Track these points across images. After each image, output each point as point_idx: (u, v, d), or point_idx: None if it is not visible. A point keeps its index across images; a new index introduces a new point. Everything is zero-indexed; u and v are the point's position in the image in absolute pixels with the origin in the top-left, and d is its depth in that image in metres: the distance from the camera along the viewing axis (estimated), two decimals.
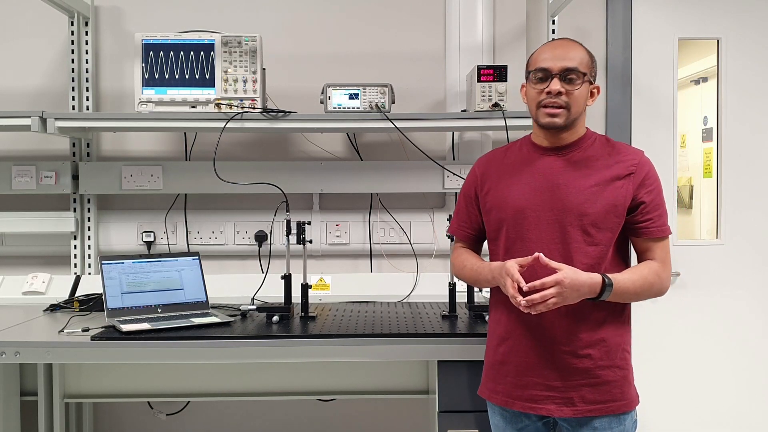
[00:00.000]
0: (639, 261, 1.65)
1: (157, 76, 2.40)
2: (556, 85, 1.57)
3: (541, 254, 1.51)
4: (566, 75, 1.58)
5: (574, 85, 1.58)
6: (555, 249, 1.58)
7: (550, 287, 1.47)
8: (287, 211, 2.32)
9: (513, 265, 1.53)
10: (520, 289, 1.50)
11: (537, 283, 1.48)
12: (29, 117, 2.31)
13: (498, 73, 2.39)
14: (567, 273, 1.49)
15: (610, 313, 1.60)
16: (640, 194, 1.58)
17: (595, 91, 1.64)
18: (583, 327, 1.58)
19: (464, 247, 1.84)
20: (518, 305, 1.51)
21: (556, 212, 1.59)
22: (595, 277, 1.52)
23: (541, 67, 1.60)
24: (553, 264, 1.50)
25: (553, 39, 1.72)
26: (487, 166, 1.76)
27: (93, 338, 1.96)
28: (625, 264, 1.65)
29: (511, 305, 1.59)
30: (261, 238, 2.72)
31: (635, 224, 1.60)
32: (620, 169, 1.60)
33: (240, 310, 2.33)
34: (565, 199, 1.59)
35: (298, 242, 2.28)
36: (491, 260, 1.72)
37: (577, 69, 1.57)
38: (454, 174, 2.64)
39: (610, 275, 1.54)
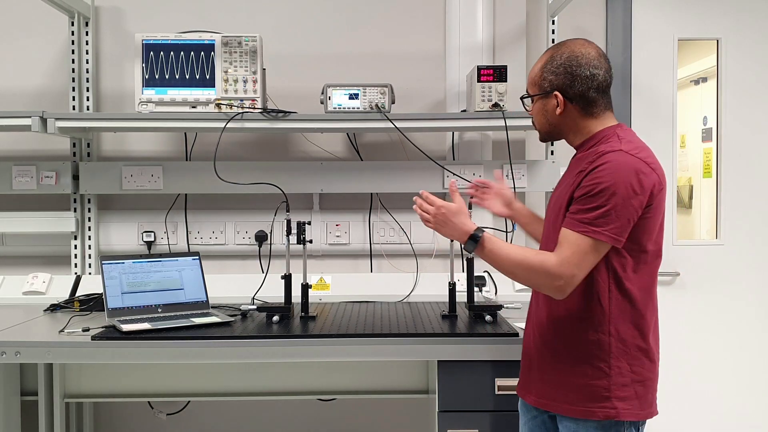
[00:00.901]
0: None
1: (157, 77, 2.40)
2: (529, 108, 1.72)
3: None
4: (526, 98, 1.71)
5: (531, 105, 1.69)
6: (552, 246, 1.59)
7: (431, 205, 1.65)
8: (287, 211, 2.32)
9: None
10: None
11: (427, 195, 1.68)
12: (30, 117, 2.31)
13: (498, 74, 2.40)
14: (451, 206, 1.64)
15: (588, 316, 1.54)
16: (577, 188, 1.51)
17: (557, 101, 1.58)
18: (560, 328, 1.60)
19: None
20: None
21: (551, 212, 1.68)
22: (469, 225, 1.61)
23: None
24: (457, 198, 1.68)
25: None
26: None
27: (93, 338, 1.96)
28: (597, 277, 1.53)
29: (530, 302, 1.75)
30: (261, 238, 2.73)
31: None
32: (584, 166, 1.54)
33: (240, 310, 2.33)
34: (554, 200, 1.67)
35: (298, 242, 2.28)
36: None
37: (526, 92, 1.69)
38: (454, 174, 2.64)
39: (488, 234, 1.59)
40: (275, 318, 2.19)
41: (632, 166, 1.47)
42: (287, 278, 2.29)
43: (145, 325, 2.03)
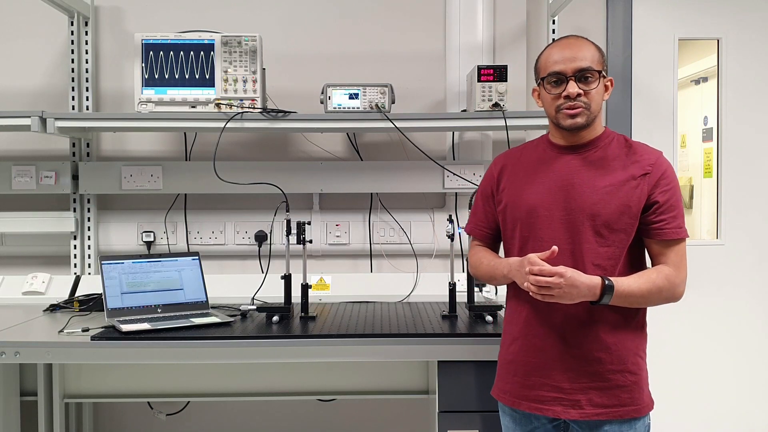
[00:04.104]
0: (653, 265, 1.60)
1: (157, 76, 2.40)
2: (573, 87, 1.55)
3: (556, 248, 1.50)
4: (581, 75, 1.56)
5: (590, 84, 1.56)
6: (567, 249, 1.57)
7: (550, 276, 1.47)
8: (287, 211, 2.32)
9: (535, 256, 1.52)
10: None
11: (536, 269, 1.49)
12: (29, 117, 2.31)
13: (498, 73, 2.39)
14: (570, 269, 1.49)
15: (623, 317, 1.57)
16: (654, 194, 1.55)
17: (608, 84, 1.62)
18: (594, 330, 1.56)
19: (481, 246, 1.83)
20: (529, 290, 1.51)
21: (569, 212, 1.58)
22: (595, 279, 1.50)
23: (555, 71, 1.58)
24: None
25: (560, 38, 1.66)
26: (503, 165, 1.75)
27: (93, 338, 1.96)
28: (641, 267, 1.60)
29: (525, 305, 1.63)
30: (261, 238, 2.72)
31: (649, 225, 1.56)
32: (636, 170, 1.57)
33: (240, 310, 2.33)
34: (578, 199, 1.58)
35: (298, 242, 2.28)
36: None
37: (591, 68, 1.56)
38: (454, 174, 2.64)
39: (612, 278, 1.51)
40: (275, 318, 2.19)
41: None
42: (287, 278, 2.28)
43: (145, 326, 2.03)
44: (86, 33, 2.71)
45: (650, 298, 1.55)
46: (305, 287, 2.26)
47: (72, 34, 2.70)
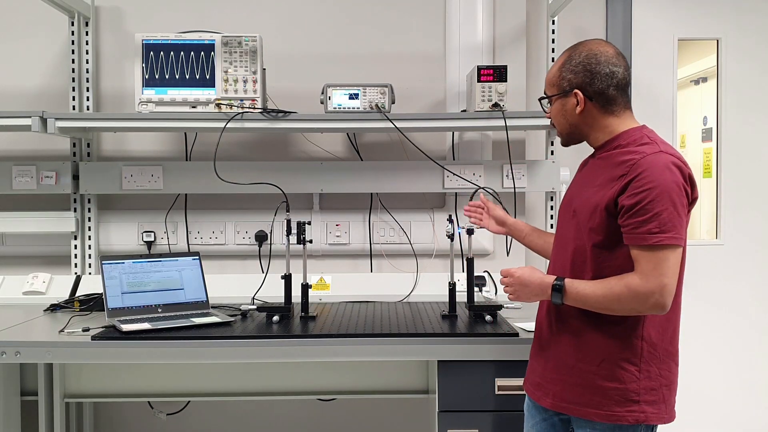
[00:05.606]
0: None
1: (157, 77, 2.40)
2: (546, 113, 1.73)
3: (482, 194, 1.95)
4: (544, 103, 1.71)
5: (549, 108, 1.69)
6: (568, 248, 1.63)
7: (506, 277, 1.66)
8: (287, 211, 2.32)
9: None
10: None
11: (503, 270, 1.68)
12: (30, 117, 2.31)
13: (498, 73, 2.40)
14: (522, 270, 1.63)
15: (599, 319, 1.54)
16: (623, 197, 1.48)
17: (577, 99, 1.57)
18: (571, 327, 1.59)
19: None
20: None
21: (571, 212, 1.64)
22: (547, 279, 1.58)
23: None
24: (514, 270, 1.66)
25: None
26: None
27: (93, 338, 1.96)
28: None
29: None
30: (261, 238, 2.73)
31: (621, 229, 1.49)
32: (619, 170, 1.52)
33: (240, 310, 2.33)
34: (576, 198, 1.63)
35: (298, 242, 2.28)
36: None
37: (544, 95, 1.69)
38: (454, 174, 2.64)
39: (567, 280, 1.54)
40: (275, 318, 2.19)
41: (676, 165, 1.47)
42: (287, 278, 2.29)
43: (145, 325, 2.03)
44: (86, 33, 2.72)
45: (608, 305, 1.49)
46: (305, 287, 2.26)
47: (72, 34, 2.70)
